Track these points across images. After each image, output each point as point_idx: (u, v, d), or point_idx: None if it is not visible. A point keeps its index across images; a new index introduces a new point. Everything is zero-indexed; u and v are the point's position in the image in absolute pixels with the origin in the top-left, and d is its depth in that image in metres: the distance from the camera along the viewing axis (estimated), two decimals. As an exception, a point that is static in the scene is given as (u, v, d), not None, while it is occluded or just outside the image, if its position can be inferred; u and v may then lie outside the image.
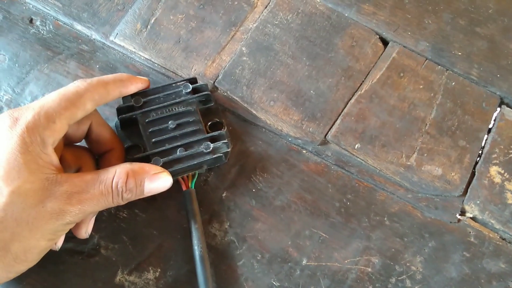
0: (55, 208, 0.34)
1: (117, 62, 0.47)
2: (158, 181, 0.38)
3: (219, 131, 0.43)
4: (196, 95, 0.43)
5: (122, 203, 0.37)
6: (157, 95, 0.43)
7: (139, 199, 0.39)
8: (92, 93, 0.37)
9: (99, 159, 0.42)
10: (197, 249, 0.40)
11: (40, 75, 0.46)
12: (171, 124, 0.42)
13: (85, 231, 0.39)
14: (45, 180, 0.34)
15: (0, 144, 0.33)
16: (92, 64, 0.47)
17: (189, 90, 0.43)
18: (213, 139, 0.42)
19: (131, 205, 0.42)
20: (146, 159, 0.40)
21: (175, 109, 0.43)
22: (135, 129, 0.43)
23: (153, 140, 0.42)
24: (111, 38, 0.47)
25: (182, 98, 0.43)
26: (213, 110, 0.45)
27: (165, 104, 0.43)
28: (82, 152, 0.41)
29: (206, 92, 0.44)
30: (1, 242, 0.33)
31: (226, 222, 0.43)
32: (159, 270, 0.41)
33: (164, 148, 0.41)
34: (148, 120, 0.42)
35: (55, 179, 0.34)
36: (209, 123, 0.44)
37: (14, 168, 0.33)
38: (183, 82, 0.43)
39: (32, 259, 0.35)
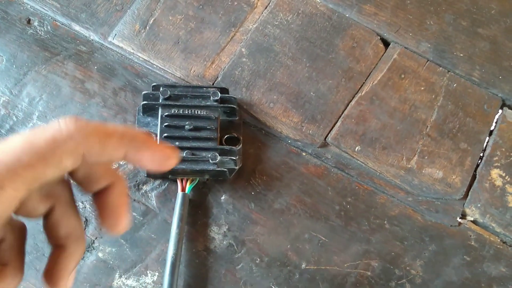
0: None
1: (116, 63, 0.47)
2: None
3: (231, 147, 0.42)
4: (222, 105, 0.43)
5: None
6: (184, 93, 0.43)
7: (137, 201, 0.38)
8: (77, 144, 0.23)
9: (94, 198, 0.27)
10: (170, 254, 0.39)
11: (37, 76, 0.45)
12: (188, 124, 0.42)
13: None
14: None
15: None
16: (90, 65, 0.46)
17: (217, 98, 0.43)
18: (223, 152, 0.42)
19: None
20: None
21: (197, 112, 0.43)
22: (154, 118, 0.43)
23: (166, 134, 0.42)
24: (110, 39, 0.47)
25: (208, 103, 0.43)
26: (235, 125, 0.45)
27: (189, 104, 0.43)
28: (53, 185, 0.26)
29: (231, 105, 0.43)
30: None
31: (224, 225, 0.43)
32: (157, 273, 0.41)
33: (172, 145, 0.41)
34: (167, 114, 0.42)
35: None
36: (226, 136, 0.44)
37: None
38: (214, 89, 0.43)
39: None
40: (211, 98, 0.43)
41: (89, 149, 0.24)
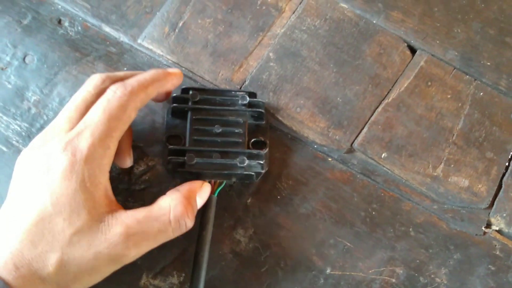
0: (113, 254, 0.33)
1: (145, 65, 0.47)
2: (203, 194, 0.39)
3: (259, 151, 0.43)
4: (250, 109, 0.43)
5: (181, 233, 0.37)
6: (213, 97, 0.43)
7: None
8: (135, 102, 0.36)
9: None
10: (196, 256, 0.40)
11: (68, 76, 0.46)
12: (216, 128, 0.42)
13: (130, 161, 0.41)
14: (99, 222, 0.33)
15: (63, 183, 0.33)
16: (119, 66, 0.47)
17: (245, 102, 0.43)
18: (251, 156, 0.42)
19: (156, 209, 0.42)
20: (181, 153, 0.41)
21: (225, 115, 0.43)
22: (183, 121, 0.43)
23: (195, 137, 0.42)
24: (139, 40, 0.47)
25: (236, 107, 0.43)
26: (262, 128, 0.45)
27: (218, 108, 0.43)
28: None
29: (259, 110, 0.43)
30: (64, 283, 0.33)
31: (250, 228, 0.43)
32: (183, 274, 0.41)
33: (201, 148, 0.41)
34: (196, 117, 0.42)
35: (107, 220, 0.34)
36: (253, 140, 0.44)
37: (75, 210, 0.32)
38: (242, 93, 0.44)
39: None
40: (240, 102, 0.43)
41: (141, 101, 0.37)
